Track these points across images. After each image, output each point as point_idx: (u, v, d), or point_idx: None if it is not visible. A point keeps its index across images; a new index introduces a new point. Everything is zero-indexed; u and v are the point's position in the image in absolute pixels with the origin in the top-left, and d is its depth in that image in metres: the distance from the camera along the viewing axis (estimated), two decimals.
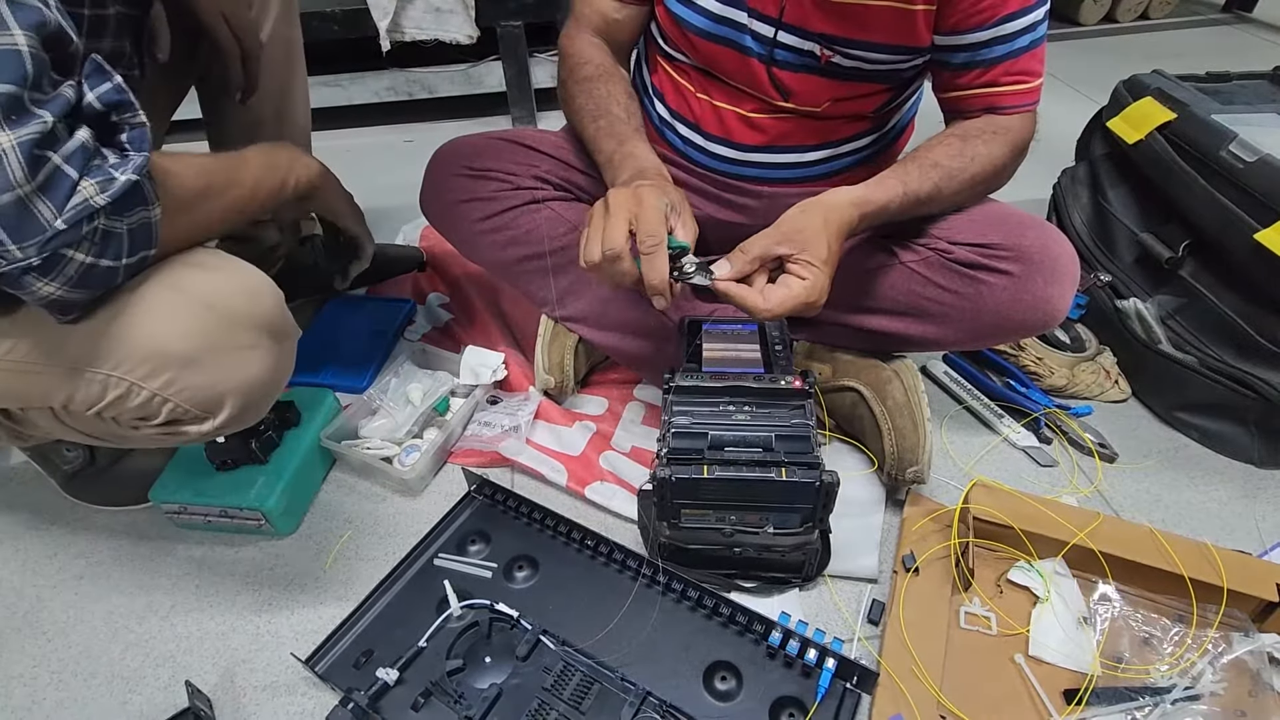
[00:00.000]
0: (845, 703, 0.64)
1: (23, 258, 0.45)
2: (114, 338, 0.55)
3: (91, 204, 0.47)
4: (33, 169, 0.44)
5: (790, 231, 0.65)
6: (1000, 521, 0.73)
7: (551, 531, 0.78)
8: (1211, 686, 0.63)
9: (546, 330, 0.92)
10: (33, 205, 0.45)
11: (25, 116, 0.44)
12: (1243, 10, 2.39)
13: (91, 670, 0.70)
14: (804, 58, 0.76)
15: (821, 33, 0.74)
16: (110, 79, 0.50)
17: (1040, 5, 0.71)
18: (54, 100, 0.46)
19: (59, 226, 0.46)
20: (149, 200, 0.52)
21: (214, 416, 0.61)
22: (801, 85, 0.78)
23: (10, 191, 0.44)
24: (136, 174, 0.49)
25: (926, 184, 0.72)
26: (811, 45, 0.75)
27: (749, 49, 0.77)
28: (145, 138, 0.51)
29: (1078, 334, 1.01)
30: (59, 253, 0.47)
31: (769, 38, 0.76)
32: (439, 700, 0.64)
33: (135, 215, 0.52)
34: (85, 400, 0.58)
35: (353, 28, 1.53)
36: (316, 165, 0.77)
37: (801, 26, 0.74)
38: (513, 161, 0.89)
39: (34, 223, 0.45)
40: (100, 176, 0.48)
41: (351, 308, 1.11)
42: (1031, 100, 0.75)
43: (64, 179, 0.46)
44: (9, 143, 0.43)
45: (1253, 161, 0.85)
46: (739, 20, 0.76)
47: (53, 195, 0.46)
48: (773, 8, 0.74)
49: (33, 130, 0.44)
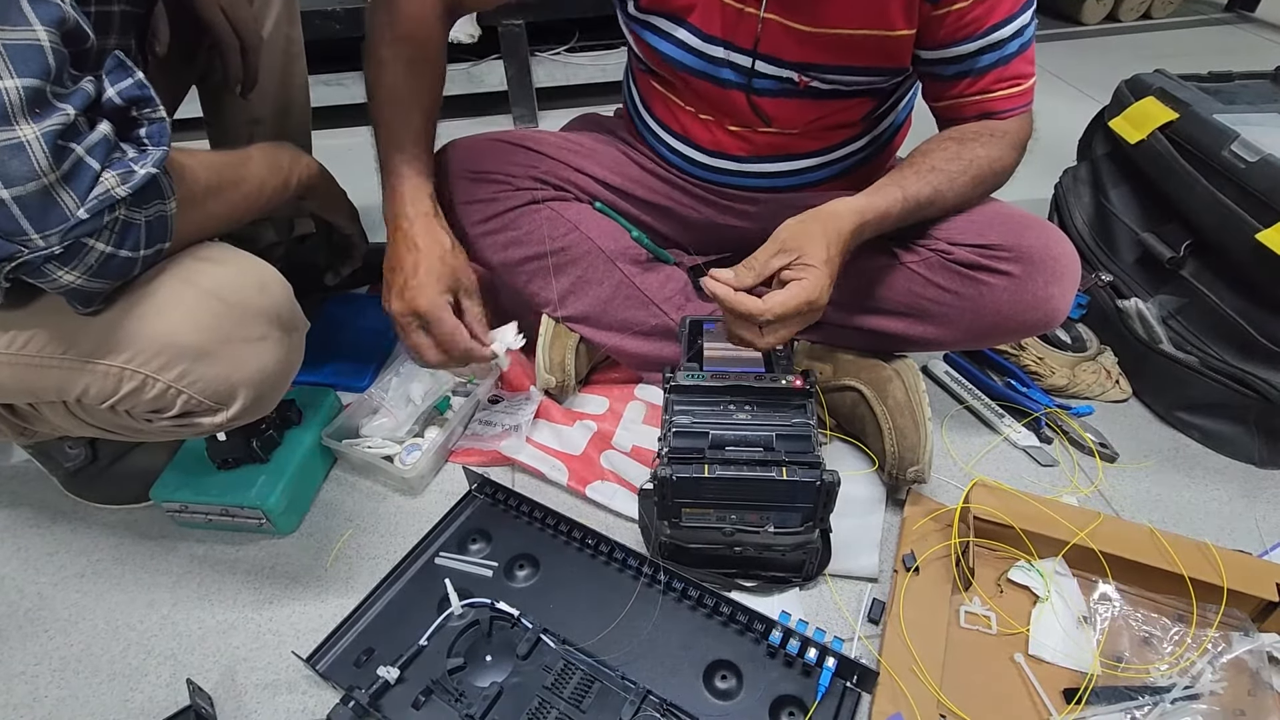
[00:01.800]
0: (845, 702, 0.64)
1: (45, 246, 0.47)
2: (128, 331, 0.56)
3: (113, 195, 0.48)
4: (57, 159, 0.45)
5: (786, 240, 0.65)
6: (1001, 521, 0.73)
7: (552, 530, 0.78)
8: (1211, 686, 0.63)
9: (548, 330, 0.92)
10: (56, 194, 0.46)
11: (48, 109, 0.45)
12: (1245, 10, 2.39)
13: (93, 668, 0.70)
14: (782, 84, 0.76)
15: (797, 61, 0.73)
16: (132, 75, 0.51)
17: (1026, 9, 0.70)
18: (75, 94, 0.47)
19: (81, 215, 0.47)
20: (165, 194, 0.54)
21: (227, 407, 0.61)
22: (780, 110, 0.78)
23: (35, 180, 0.45)
24: (155, 167, 0.51)
25: (926, 188, 0.72)
26: (789, 73, 0.75)
27: (727, 80, 0.77)
28: (165, 132, 0.52)
29: (1079, 334, 1.01)
30: (80, 241, 0.48)
31: (747, 68, 0.75)
32: (440, 698, 0.64)
33: (153, 208, 0.53)
34: (100, 394, 0.59)
35: (355, 26, 1.53)
36: (316, 165, 0.78)
37: (777, 55, 0.74)
38: (511, 163, 0.89)
39: (57, 211, 0.46)
40: (121, 169, 0.49)
41: (352, 307, 1.12)
42: (1025, 102, 0.75)
43: (87, 170, 0.47)
44: (33, 134, 0.44)
45: (1254, 161, 0.85)
46: (716, 55, 0.76)
47: (75, 185, 0.47)
48: (747, 39, 0.74)
49: (56, 122, 0.45)
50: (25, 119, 0.44)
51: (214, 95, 0.96)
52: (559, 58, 1.72)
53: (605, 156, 0.93)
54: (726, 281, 0.64)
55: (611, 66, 1.71)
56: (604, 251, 0.88)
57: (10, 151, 0.44)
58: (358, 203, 0.90)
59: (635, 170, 0.92)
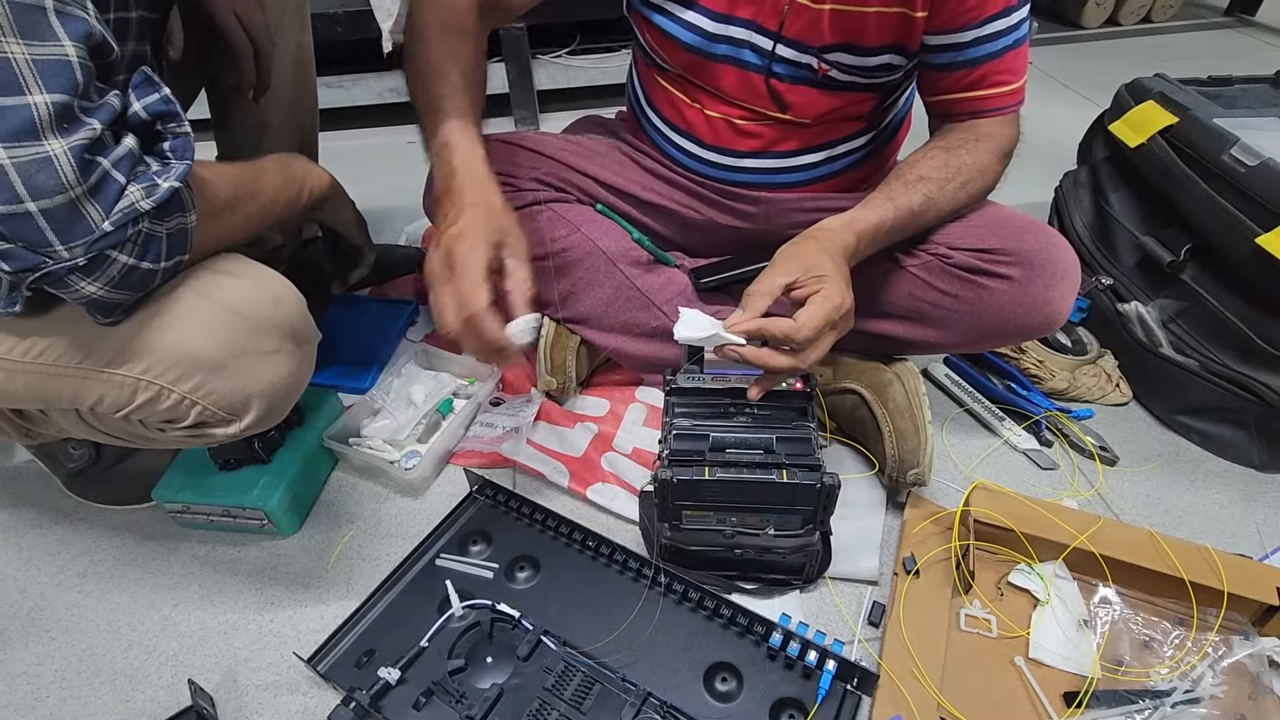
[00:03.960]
0: (845, 704, 0.64)
1: (69, 258, 0.48)
2: (144, 342, 0.57)
3: (137, 208, 0.49)
4: (83, 173, 0.46)
5: (787, 260, 0.65)
6: (1001, 524, 0.73)
7: (553, 532, 0.78)
8: (1211, 689, 0.63)
9: (549, 332, 0.92)
10: (82, 207, 0.47)
11: (76, 124, 0.46)
12: (1245, 14, 2.39)
13: (94, 668, 0.70)
14: (802, 70, 0.77)
15: (821, 45, 0.74)
16: (159, 90, 0.52)
17: (1022, 5, 0.71)
18: (102, 108, 0.48)
19: (106, 228, 0.48)
20: (187, 207, 0.55)
21: (240, 419, 0.62)
22: (800, 98, 0.79)
23: (62, 193, 0.46)
24: (179, 181, 0.52)
25: (917, 197, 0.72)
26: (810, 59, 0.75)
27: (748, 63, 0.77)
28: (189, 146, 0.53)
29: (1079, 337, 1.02)
30: (104, 253, 0.49)
31: (768, 51, 0.76)
32: (440, 700, 0.64)
33: (174, 220, 0.54)
34: (115, 403, 0.59)
35: (356, 29, 1.54)
36: (328, 177, 0.78)
37: (801, 40, 0.74)
38: (513, 164, 0.89)
39: (82, 224, 0.47)
40: (145, 182, 0.50)
41: (354, 309, 1.12)
42: (1015, 101, 0.76)
43: (112, 183, 0.48)
44: (61, 148, 0.45)
45: (1254, 165, 0.85)
46: (737, 36, 0.76)
47: (101, 199, 0.48)
48: (773, 21, 0.74)
49: (83, 136, 0.46)
50: (54, 133, 0.45)
51: (224, 99, 0.96)
52: (560, 60, 1.72)
53: (607, 158, 0.93)
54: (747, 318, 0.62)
55: (613, 69, 1.72)
56: (605, 253, 0.88)
57: (38, 165, 0.45)
58: (361, 205, 0.90)
59: (637, 172, 0.92)
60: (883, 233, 0.71)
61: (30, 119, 0.44)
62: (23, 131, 0.44)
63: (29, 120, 0.44)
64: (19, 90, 0.44)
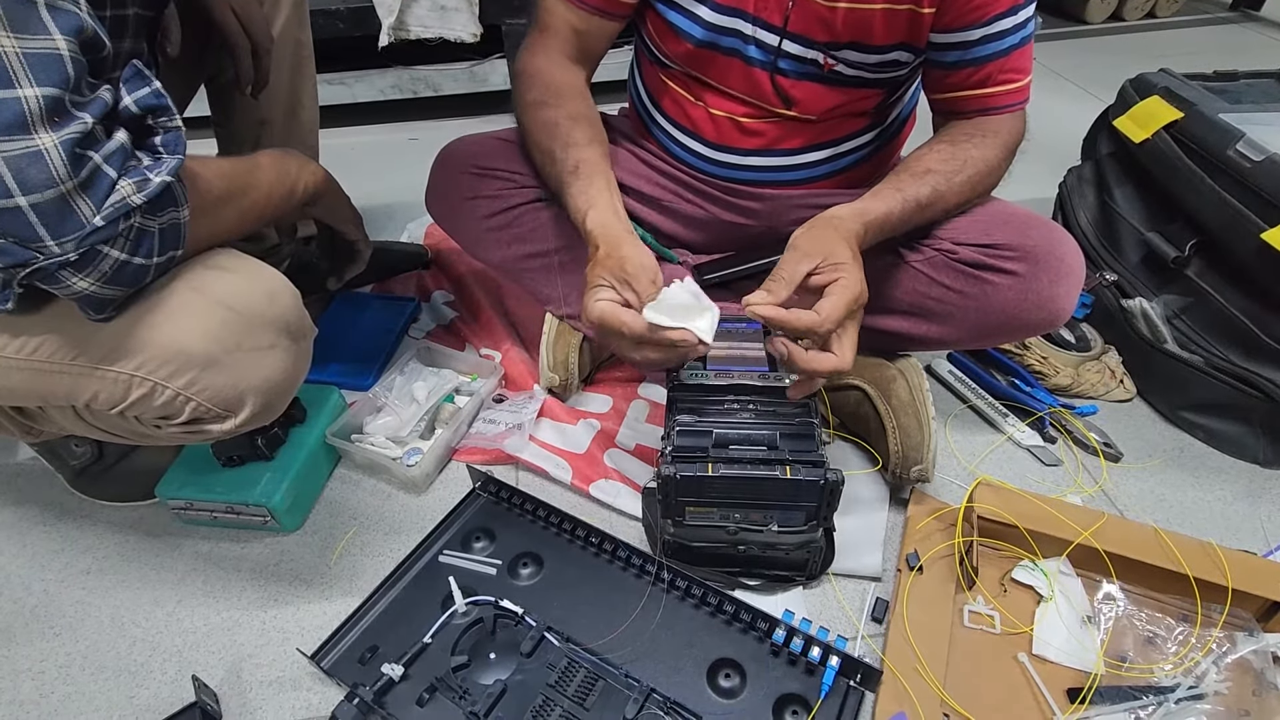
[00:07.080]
0: (849, 701, 0.64)
1: (60, 253, 0.47)
2: (138, 338, 0.56)
3: (129, 202, 0.49)
4: (75, 167, 0.46)
5: (806, 246, 0.64)
6: (1004, 520, 0.73)
7: (556, 529, 0.78)
8: (1215, 686, 0.63)
9: (551, 328, 0.92)
10: (73, 202, 0.47)
11: (66, 118, 0.46)
12: (1250, 9, 2.38)
13: (98, 664, 0.70)
14: (807, 66, 0.76)
15: (827, 41, 0.74)
16: (149, 84, 0.51)
17: (1028, 3, 0.71)
18: (93, 103, 0.48)
19: (97, 223, 0.48)
20: (180, 202, 0.54)
21: (235, 415, 0.62)
22: (805, 94, 0.78)
23: (53, 188, 0.45)
24: (171, 175, 0.51)
25: (924, 189, 0.72)
26: (815, 54, 0.75)
27: (752, 59, 0.77)
28: (180, 140, 0.53)
29: (1083, 333, 1.01)
30: (95, 249, 0.49)
31: (774, 46, 0.75)
32: (444, 696, 0.64)
33: (166, 215, 0.53)
34: (109, 399, 0.59)
35: (358, 25, 1.53)
36: (322, 172, 0.78)
37: (806, 35, 0.74)
38: (517, 160, 0.89)
39: (73, 219, 0.47)
40: (137, 177, 0.49)
41: (357, 306, 1.12)
42: (1021, 99, 0.76)
43: (104, 178, 0.48)
44: (52, 142, 0.45)
45: (1260, 161, 0.85)
46: (742, 30, 0.76)
47: (92, 193, 0.47)
48: (777, 16, 0.74)
49: (74, 131, 0.46)
50: (44, 127, 0.45)
51: (223, 95, 0.96)
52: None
53: None
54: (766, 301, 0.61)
55: (614, 66, 1.71)
56: None
57: (29, 159, 0.44)
58: (363, 203, 0.90)
59: (640, 168, 0.92)
60: (890, 224, 0.71)
61: (20, 112, 0.44)
62: (13, 125, 0.44)
63: (19, 114, 0.44)
64: (9, 83, 0.44)
